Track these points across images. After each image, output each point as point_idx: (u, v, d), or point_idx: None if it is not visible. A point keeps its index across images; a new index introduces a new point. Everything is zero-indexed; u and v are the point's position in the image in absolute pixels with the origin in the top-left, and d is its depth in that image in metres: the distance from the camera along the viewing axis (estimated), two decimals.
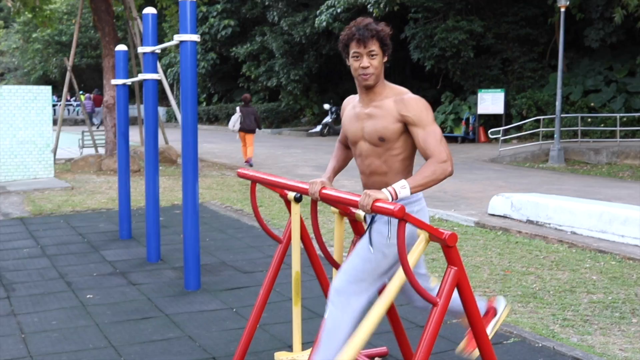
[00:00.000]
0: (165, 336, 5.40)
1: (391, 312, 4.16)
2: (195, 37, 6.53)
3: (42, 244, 8.77)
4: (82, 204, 11.98)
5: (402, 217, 2.98)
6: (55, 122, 19.13)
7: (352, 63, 3.59)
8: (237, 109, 19.18)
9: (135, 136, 21.13)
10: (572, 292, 6.54)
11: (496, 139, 23.03)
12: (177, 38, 6.54)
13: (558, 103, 19.93)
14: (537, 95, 25.37)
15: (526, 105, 25.13)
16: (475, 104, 25.98)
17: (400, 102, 3.53)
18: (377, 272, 3.56)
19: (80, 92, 40.55)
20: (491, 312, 4.08)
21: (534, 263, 7.68)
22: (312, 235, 4.39)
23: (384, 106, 3.56)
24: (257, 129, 19.35)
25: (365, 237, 3.63)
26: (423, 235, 3.20)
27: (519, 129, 24.24)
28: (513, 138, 23.82)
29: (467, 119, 26.40)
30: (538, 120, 23.03)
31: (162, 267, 7.62)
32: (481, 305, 4.01)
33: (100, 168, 17.33)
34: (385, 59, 3.61)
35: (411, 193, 3.25)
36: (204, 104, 44.32)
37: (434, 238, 3.15)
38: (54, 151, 17.14)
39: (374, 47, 3.53)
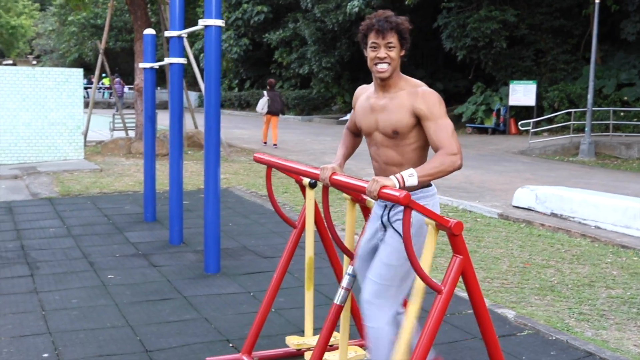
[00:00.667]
0: (182, 317, 5.48)
1: None
2: (220, 22, 6.56)
3: (68, 224, 8.91)
4: (110, 186, 12.13)
5: (407, 204, 3.01)
6: (87, 105, 19.36)
7: (369, 53, 3.60)
8: (265, 92, 20.38)
9: (167, 120, 21.28)
10: (591, 287, 6.50)
11: (527, 131, 22.86)
12: (202, 23, 6.58)
13: (590, 96, 19.71)
14: (569, 87, 25.11)
15: (558, 97, 24.87)
16: (507, 95, 25.78)
17: (414, 95, 3.53)
18: (403, 273, 3.57)
19: (104, 74, 40.77)
20: None
21: (555, 256, 7.64)
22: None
23: (398, 98, 3.58)
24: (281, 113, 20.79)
25: (388, 239, 3.63)
26: (431, 226, 3.22)
27: (550, 121, 24.03)
28: (544, 130, 23.62)
29: (498, 110, 26.22)
30: (569, 113, 22.82)
31: (183, 250, 7.70)
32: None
33: (130, 151, 17.51)
34: (403, 52, 3.61)
35: (418, 182, 3.27)
36: (236, 89, 44.47)
37: (440, 226, 3.17)
38: (85, 133, 17.34)
39: (392, 39, 3.54)
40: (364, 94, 3.82)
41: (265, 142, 20.84)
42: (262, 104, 20.10)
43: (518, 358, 4.72)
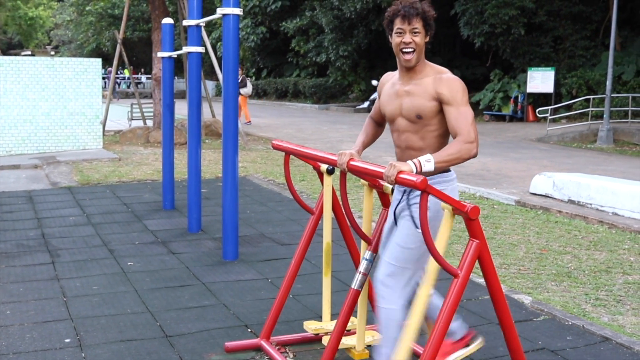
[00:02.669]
0: (201, 303, 5.54)
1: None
2: (238, 11, 6.60)
3: (87, 213, 9.00)
4: (129, 175, 12.23)
5: (424, 189, 3.04)
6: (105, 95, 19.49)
7: (395, 39, 3.66)
8: (246, 77, 23.81)
9: (185, 109, 21.32)
10: (608, 273, 6.51)
11: (544, 118, 22.76)
12: (220, 11, 6.62)
13: (608, 82, 19.59)
14: (588, 74, 24.95)
15: (576, 84, 24.73)
16: (525, 82, 25.66)
17: (438, 81, 3.59)
18: (418, 256, 3.63)
19: (125, 67, 41.03)
20: (465, 340, 4.00)
21: (572, 243, 7.64)
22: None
23: (423, 84, 3.64)
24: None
25: (405, 222, 3.68)
26: (447, 211, 3.26)
27: (568, 108, 23.90)
28: (562, 117, 23.50)
29: (516, 98, 26.10)
30: (588, 100, 22.68)
31: (202, 238, 7.77)
32: (456, 326, 3.95)
33: (148, 140, 17.62)
34: (427, 38, 3.66)
35: (435, 168, 3.32)
36: (253, 78, 44.49)
37: (456, 211, 3.20)
38: (103, 123, 17.45)
39: (418, 25, 3.60)
40: (390, 80, 3.88)
41: (250, 121, 23.59)
42: (250, 88, 23.78)
43: (534, 343, 4.75)
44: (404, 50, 3.61)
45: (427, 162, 3.31)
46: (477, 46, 27.67)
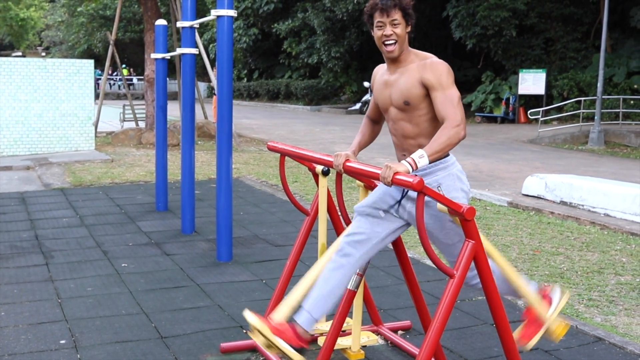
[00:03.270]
0: (196, 305, 5.55)
1: (414, 288, 4.23)
2: (232, 12, 6.61)
3: (80, 214, 8.99)
4: (121, 176, 12.22)
5: (421, 190, 3.06)
6: (97, 96, 19.47)
7: (376, 32, 3.72)
8: None
9: (176, 111, 21.34)
10: (600, 273, 6.55)
11: (536, 120, 22.85)
12: (214, 13, 6.63)
13: (599, 84, 19.70)
14: (579, 76, 25.06)
15: (568, 86, 24.84)
16: (516, 84, 25.78)
17: (423, 66, 3.64)
18: (451, 235, 3.64)
19: (123, 65, 41.08)
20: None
21: (564, 244, 7.69)
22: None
23: (408, 71, 3.69)
24: None
25: (432, 223, 3.64)
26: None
27: (559, 110, 24.01)
28: (553, 119, 23.60)
29: (508, 99, 26.20)
30: (579, 102, 22.79)
31: (195, 239, 7.78)
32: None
33: (140, 141, 17.60)
34: (409, 28, 3.70)
35: (430, 161, 3.34)
36: (245, 79, 44.48)
37: (452, 212, 3.22)
38: (96, 124, 17.43)
39: (397, 16, 3.65)
40: (380, 72, 3.95)
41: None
42: None
43: None
44: (386, 42, 3.67)
45: (421, 157, 3.34)
46: (468, 48, 27.76)
